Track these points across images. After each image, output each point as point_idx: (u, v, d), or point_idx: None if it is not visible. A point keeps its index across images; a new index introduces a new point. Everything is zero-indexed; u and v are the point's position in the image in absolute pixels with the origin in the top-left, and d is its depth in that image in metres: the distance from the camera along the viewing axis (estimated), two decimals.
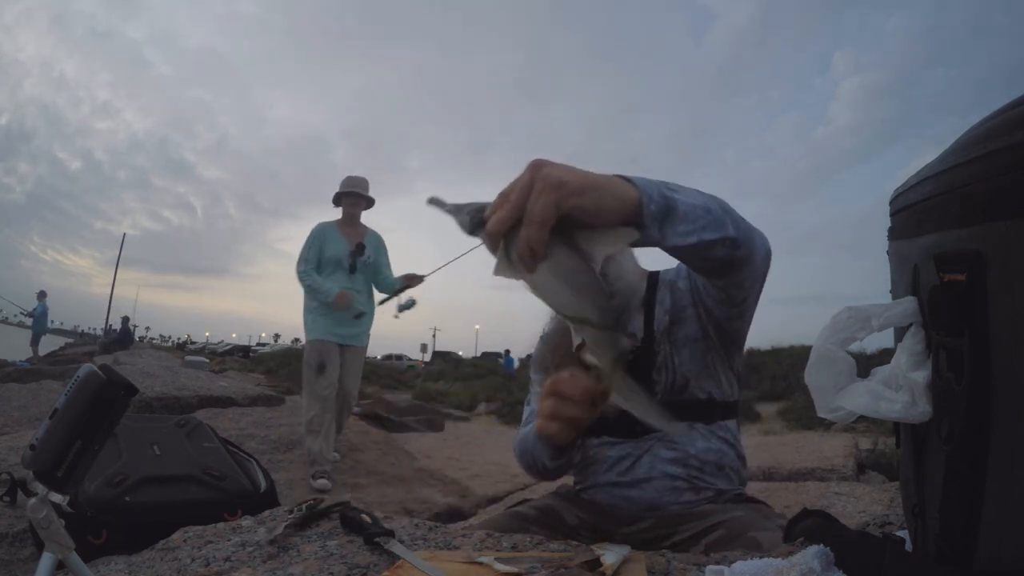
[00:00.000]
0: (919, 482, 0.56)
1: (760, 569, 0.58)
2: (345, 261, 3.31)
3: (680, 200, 0.68)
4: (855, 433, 4.35)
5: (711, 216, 0.71)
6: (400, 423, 6.76)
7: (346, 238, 3.37)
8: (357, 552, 0.78)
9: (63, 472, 0.64)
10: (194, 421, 2.06)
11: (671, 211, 0.66)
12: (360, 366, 3.47)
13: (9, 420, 3.45)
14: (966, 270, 0.47)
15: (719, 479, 0.99)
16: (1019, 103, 0.46)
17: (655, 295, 1.06)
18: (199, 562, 0.80)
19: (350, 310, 3.23)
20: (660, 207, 0.65)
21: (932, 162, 0.55)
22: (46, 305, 13.37)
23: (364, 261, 3.36)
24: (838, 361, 0.58)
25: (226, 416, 3.83)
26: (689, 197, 0.70)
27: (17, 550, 1.56)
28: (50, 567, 0.63)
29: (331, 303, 3.20)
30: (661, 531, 0.93)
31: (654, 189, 0.65)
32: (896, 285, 0.61)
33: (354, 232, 3.42)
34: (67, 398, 0.65)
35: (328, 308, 3.21)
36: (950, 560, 0.51)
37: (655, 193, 0.65)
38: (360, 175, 3.48)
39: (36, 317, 13.14)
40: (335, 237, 3.34)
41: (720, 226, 0.73)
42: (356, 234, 3.42)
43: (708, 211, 0.71)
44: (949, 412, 0.49)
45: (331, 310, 3.21)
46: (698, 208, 0.70)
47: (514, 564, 0.68)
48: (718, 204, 0.74)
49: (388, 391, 12.68)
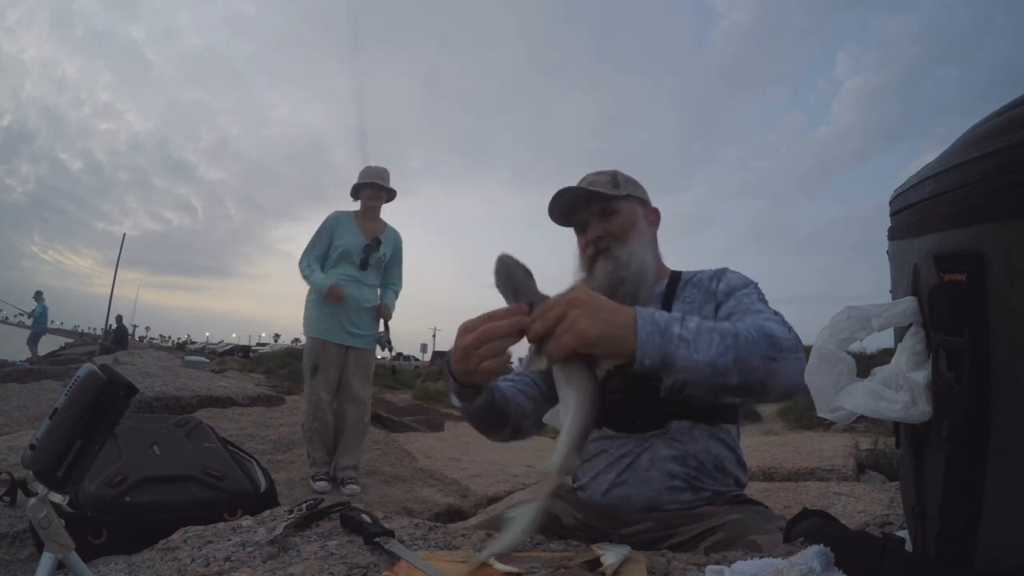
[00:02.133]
0: (919, 482, 0.56)
1: (760, 569, 0.58)
2: (357, 256, 3.02)
3: (681, 357, 0.74)
4: (855, 433, 4.35)
5: (715, 371, 0.76)
6: (400, 423, 6.76)
7: (362, 231, 3.08)
8: (357, 552, 0.78)
9: (63, 472, 0.64)
10: (194, 421, 2.06)
11: (667, 367, 0.75)
12: (368, 369, 3.09)
13: (9, 420, 3.45)
14: (966, 270, 0.47)
15: (718, 481, 0.99)
16: (1019, 103, 0.46)
17: (675, 293, 1.09)
18: (199, 562, 0.80)
19: (344, 304, 2.93)
20: (654, 363, 0.74)
21: (932, 162, 0.55)
22: (45, 305, 13.43)
23: (378, 258, 3.08)
24: (838, 361, 0.58)
25: (226, 416, 3.83)
26: (697, 354, 0.75)
27: (17, 550, 1.56)
28: (50, 567, 0.63)
29: (324, 296, 2.94)
30: (659, 533, 0.93)
31: (655, 347, 0.73)
32: (896, 285, 0.61)
33: (372, 227, 3.13)
34: (67, 398, 0.65)
35: (333, 305, 2.94)
36: (950, 560, 0.51)
37: (654, 352, 0.73)
38: (380, 165, 3.18)
39: (36, 318, 13.20)
40: (350, 228, 3.07)
41: (721, 378, 0.77)
42: (374, 229, 3.12)
43: (713, 367, 0.76)
44: (949, 412, 0.49)
45: (337, 308, 2.95)
46: (701, 365, 0.75)
47: (514, 564, 0.68)
48: (735, 355, 0.77)
49: (388, 391, 12.68)
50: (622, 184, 1.12)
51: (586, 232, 1.11)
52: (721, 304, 1.03)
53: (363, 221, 3.11)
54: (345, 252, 3.00)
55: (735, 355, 0.77)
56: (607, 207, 1.10)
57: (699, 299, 1.06)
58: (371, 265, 3.05)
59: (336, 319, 2.96)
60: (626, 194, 1.11)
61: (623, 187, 1.11)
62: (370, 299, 3.07)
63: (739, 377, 0.77)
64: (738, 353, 0.77)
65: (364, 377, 3.05)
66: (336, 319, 2.96)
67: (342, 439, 2.97)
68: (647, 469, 0.98)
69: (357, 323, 3.00)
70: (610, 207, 1.10)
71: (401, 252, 3.24)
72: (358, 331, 3.01)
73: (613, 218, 1.09)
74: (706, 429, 1.00)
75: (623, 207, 1.10)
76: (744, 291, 1.03)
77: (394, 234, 3.20)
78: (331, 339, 2.96)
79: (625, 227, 1.09)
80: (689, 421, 0.99)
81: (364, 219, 3.12)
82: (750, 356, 0.78)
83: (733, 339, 0.78)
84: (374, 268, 3.07)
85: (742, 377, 0.78)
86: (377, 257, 3.07)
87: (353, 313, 2.98)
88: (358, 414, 3.00)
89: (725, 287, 1.06)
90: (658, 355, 0.74)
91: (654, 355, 0.73)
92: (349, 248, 3.01)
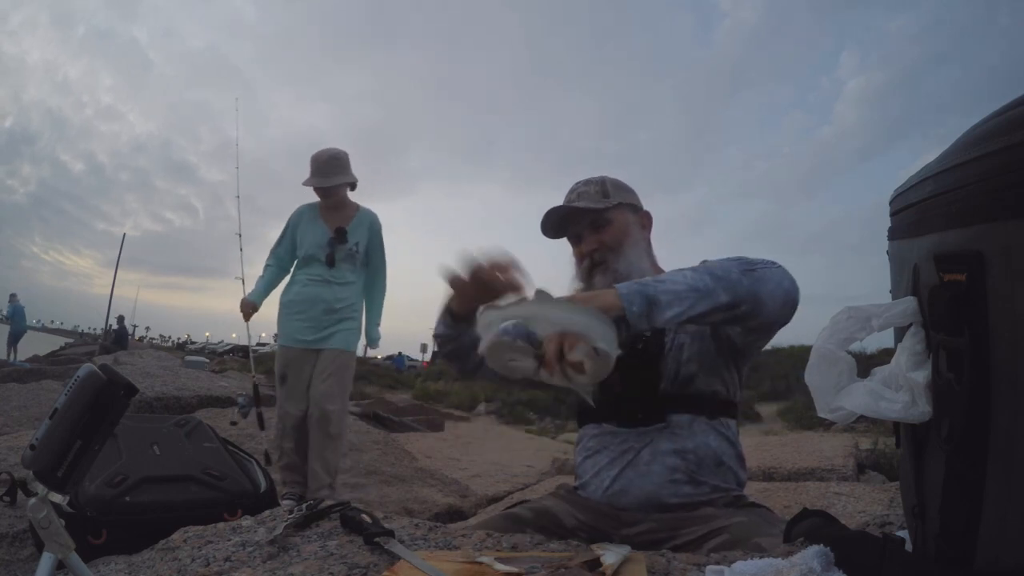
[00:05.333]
0: (919, 482, 0.56)
1: (760, 569, 0.58)
2: (322, 252, 2.61)
3: (662, 290, 0.81)
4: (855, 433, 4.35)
5: (698, 293, 0.83)
6: (400, 423, 6.76)
7: (328, 223, 2.67)
8: (357, 552, 0.78)
9: (63, 472, 0.64)
10: (194, 421, 2.06)
11: (654, 304, 0.80)
12: (338, 373, 2.58)
13: (9, 420, 3.45)
14: (966, 270, 0.47)
15: (718, 476, 1.00)
16: (1019, 103, 0.46)
17: None
18: (199, 562, 0.80)
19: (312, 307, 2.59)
20: (642, 306, 0.80)
21: (932, 162, 0.55)
22: (19, 305, 13.58)
23: (348, 251, 2.65)
24: (838, 361, 0.58)
25: (226, 416, 3.83)
26: (673, 284, 0.82)
27: (17, 550, 1.56)
28: (50, 567, 0.63)
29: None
30: (662, 534, 0.93)
31: (636, 293, 0.80)
32: (896, 285, 0.61)
33: (339, 216, 2.69)
34: (67, 398, 0.65)
35: (290, 307, 2.63)
36: (950, 560, 0.51)
37: (636, 296, 0.80)
38: (334, 148, 2.70)
39: (11, 318, 13.37)
40: (314, 223, 2.68)
41: (709, 297, 0.84)
42: (341, 218, 2.68)
43: (694, 289, 0.82)
44: (949, 412, 0.49)
45: (293, 309, 2.62)
46: (682, 291, 0.82)
47: (514, 564, 0.68)
48: (710, 276, 0.84)
49: (388, 391, 12.68)
50: (612, 192, 1.12)
51: (580, 244, 1.12)
52: None
53: (328, 212, 2.71)
54: (309, 250, 2.65)
55: (711, 277, 0.84)
56: (598, 219, 1.10)
57: None
58: (340, 260, 2.64)
59: (305, 323, 2.60)
60: (616, 203, 1.11)
61: (613, 195, 1.11)
62: (344, 298, 2.65)
63: (727, 294, 0.84)
64: (713, 274, 0.84)
65: (329, 383, 2.55)
66: (305, 323, 2.60)
67: (310, 456, 2.51)
68: (648, 463, 0.99)
69: (328, 325, 2.62)
70: (602, 218, 1.10)
71: (380, 236, 2.79)
72: (329, 332, 2.62)
73: (606, 229, 1.10)
74: (706, 423, 1.01)
75: (615, 216, 1.10)
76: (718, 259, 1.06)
77: (368, 218, 2.74)
78: (298, 345, 2.60)
79: (619, 237, 1.09)
80: (689, 415, 1.00)
81: (329, 210, 2.71)
82: (727, 274, 0.85)
83: (704, 268, 0.85)
84: (346, 262, 2.66)
85: (729, 292, 0.84)
86: (346, 250, 2.65)
87: (323, 316, 2.61)
88: (321, 426, 2.50)
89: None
90: (640, 298, 0.80)
91: (638, 300, 0.80)
92: (313, 245, 2.65)
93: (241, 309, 2.73)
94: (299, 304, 2.62)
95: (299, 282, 2.67)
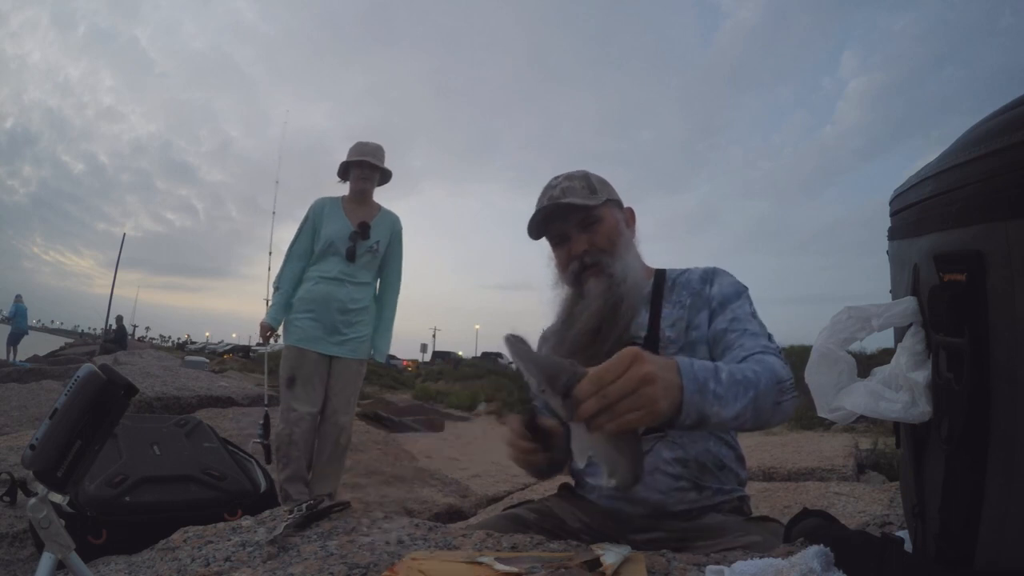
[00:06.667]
0: (919, 482, 0.56)
1: (760, 569, 0.58)
2: (342, 244, 2.52)
3: (713, 415, 0.75)
4: (855, 433, 4.35)
5: (735, 423, 0.78)
6: (400, 423, 6.76)
7: (350, 217, 2.59)
8: (357, 552, 0.78)
9: (63, 472, 0.64)
10: (194, 421, 2.06)
11: (700, 426, 0.75)
12: (354, 384, 2.58)
13: (9, 420, 3.45)
14: (966, 270, 0.47)
15: (720, 479, 0.99)
16: (1019, 103, 0.46)
17: (662, 293, 1.06)
18: (199, 562, 0.80)
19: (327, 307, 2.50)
20: (692, 423, 0.74)
21: (932, 162, 0.55)
22: (22, 306, 13.61)
23: (369, 247, 2.57)
24: (838, 361, 0.58)
25: (226, 416, 3.84)
26: (724, 408, 0.76)
27: (17, 550, 1.56)
28: (50, 567, 0.63)
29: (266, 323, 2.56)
30: (671, 545, 0.92)
31: (695, 407, 0.72)
32: (896, 285, 0.61)
33: (363, 211, 2.62)
34: (67, 398, 0.65)
35: (300, 305, 2.53)
36: (950, 560, 0.51)
37: (694, 413, 0.73)
38: (373, 141, 2.67)
39: (12, 318, 13.41)
40: (337, 215, 2.60)
41: (737, 425, 0.80)
42: (364, 213, 2.62)
43: (735, 419, 0.78)
44: (949, 412, 0.49)
45: (304, 308, 2.52)
46: (726, 420, 0.77)
47: (514, 564, 0.68)
48: (754, 408, 0.79)
49: (388, 391, 12.68)
50: (597, 187, 1.04)
51: (566, 245, 1.03)
52: (715, 313, 1.01)
53: (352, 206, 2.64)
54: (330, 242, 2.55)
55: (754, 407, 0.79)
56: (588, 216, 1.01)
57: (690, 303, 1.03)
58: (360, 256, 2.56)
59: (318, 324, 2.51)
60: (605, 199, 1.03)
61: (600, 191, 1.03)
62: (358, 299, 2.56)
63: (752, 424, 0.81)
64: (756, 404, 0.79)
65: (346, 394, 2.55)
66: (318, 324, 2.51)
67: (316, 463, 2.51)
68: (651, 473, 0.97)
69: (342, 329, 2.52)
70: (591, 216, 1.01)
71: (400, 241, 2.72)
72: (343, 338, 2.52)
73: (596, 228, 1.01)
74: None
75: (605, 214, 1.02)
76: (738, 303, 1.01)
77: (391, 219, 2.67)
78: (310, 347, 2.49)
79: (611, 237, 1.02)
80: None
81: (353, 203, 2.64)
82: (764, 404, 0.80)
83: (755, 392, 0.79)
84: (365, 261, 2.59)
85: (753, 423, 0.81)
86: (367, 246, 2.57)
87: (338, 317, 2.51)
88: (333, 436, 2.51)
89: (719, 295, 1.03)
90: (696, 415, 0.73)
91: (693, 416, 0.73)
92: (334, 237, 2.55)
93: (261, 334, 2.63)
94: (310, 303, 2.51)
95: (311, 279, 2.55)
